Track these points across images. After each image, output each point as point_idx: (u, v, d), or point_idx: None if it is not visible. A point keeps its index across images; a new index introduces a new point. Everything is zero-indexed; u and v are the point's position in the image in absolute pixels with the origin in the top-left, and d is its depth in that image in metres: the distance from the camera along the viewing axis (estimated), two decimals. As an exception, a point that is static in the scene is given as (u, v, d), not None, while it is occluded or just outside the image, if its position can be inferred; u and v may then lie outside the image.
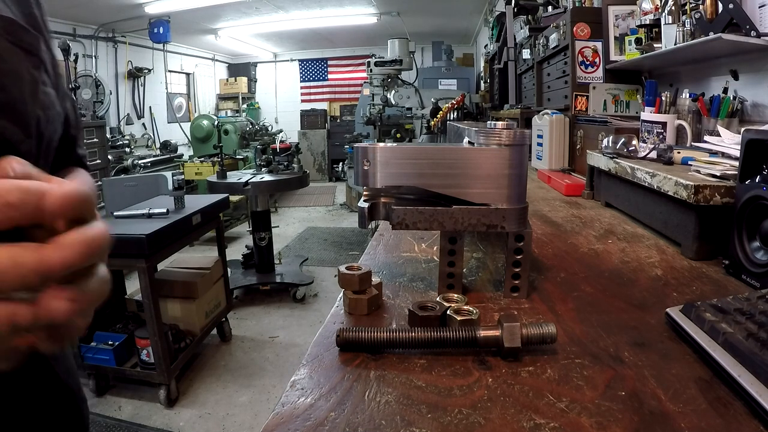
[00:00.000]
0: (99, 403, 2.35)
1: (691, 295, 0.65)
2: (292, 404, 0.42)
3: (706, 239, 0.79)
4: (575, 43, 1.75)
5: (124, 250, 2.10)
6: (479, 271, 0.75)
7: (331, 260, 4.44)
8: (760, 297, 0.52)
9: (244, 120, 6.81)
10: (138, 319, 2.56)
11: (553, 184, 1.52)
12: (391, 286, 0.69)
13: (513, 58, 3.07)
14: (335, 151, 8.47)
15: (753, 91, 1.14)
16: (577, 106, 1.74)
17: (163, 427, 2.18)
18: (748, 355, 0.42)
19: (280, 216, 6.23)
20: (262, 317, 3.31)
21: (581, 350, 0.50)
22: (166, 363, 2.22)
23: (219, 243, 2.90)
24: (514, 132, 0.57)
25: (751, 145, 0.69)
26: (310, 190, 6.49)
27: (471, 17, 6.45)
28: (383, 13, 6.27)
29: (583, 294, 0.66)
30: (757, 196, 0.66)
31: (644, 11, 1.43)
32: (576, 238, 0.94)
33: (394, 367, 0.48)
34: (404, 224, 0.60)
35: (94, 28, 5.78)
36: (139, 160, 4.84)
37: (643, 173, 0.94)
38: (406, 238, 0.93)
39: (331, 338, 0.52)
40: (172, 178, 2.52)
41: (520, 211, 0.59)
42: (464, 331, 0.49)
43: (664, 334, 0.53)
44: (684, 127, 1.18)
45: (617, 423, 0.38)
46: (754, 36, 0.98)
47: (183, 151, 6.56)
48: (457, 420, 0.39)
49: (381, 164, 0.58)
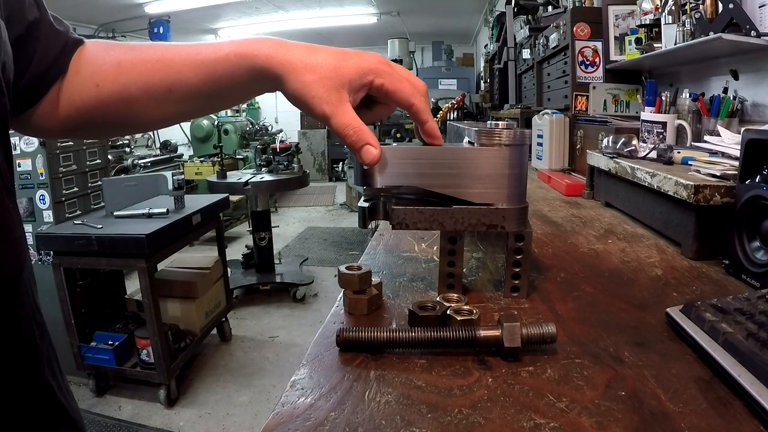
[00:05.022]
0: (99, 403, 2.35)
1: (691, 295, 0.65)
2: (292, 404, 0.42)
3: (706, 239, 0.79)
4: (575, 43, 1.75)
5: (124, 250, 2.11)
6: (479, 271, 0.75)
7: (331, 260, 4.44)
8: (760, 297, 0.52)
9: (244, 120, 6.81)
10: (138, 319, 2.56)
11: (553, 184, 1.52)
12: (391, 286, 0.69)
13: (513, 58, 3.07)
14: (335, 151, 8.47)
15: (753, 91, 1.14)
16: (577, 106, 1.74)
17: (163, 427, 2.18)
18: (748, 355, 0.42)
19: (280, 216, 6.23)
20: (262, 317, 3.31)
21: (581, 350, 0.50)
22: (166, 363, 2.22)
23: (219, 243, 2.90)
24: (514, 132, 0.57)
25: (751, 145, 0.69)
26: (310, 190, 6.49)
27: (471, 17, 6.45)
28: (383, 13, 6.27)
29: (583, 294, 0.66)
30: (757, 196, 0.66)
31: (644, 11, 1.43)
32: (576, 238, 0.94)
33: (394, 367, 0.48)
34: (404, 224, 0.60)
35: (94, 28, 5.78)
36: (139, 160, 4.84)
37: (643, 173, 0.94)
38: (406, 238, 0.93)
39: (331, 338, 0.52)
40: (172, 178, 2.52)
41: (520, 211, 0.59)
42: (464, 331, 0.49)
43: (664, 334, 0.53)
44: (684, 127, 1.18)
45: (617, 423, 0.38)
46: (754, 36, 0.98)
47: (183, 151, 6.55)
48: (457, 420, 0.39)
49: (381, 164, 0.58)
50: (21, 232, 0.43)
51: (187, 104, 0.51)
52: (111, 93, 0.49)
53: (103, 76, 0.49)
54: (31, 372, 0.44)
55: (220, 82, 0.48)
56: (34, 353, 0.45)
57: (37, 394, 0.45)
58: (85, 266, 2.29)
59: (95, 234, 2.10)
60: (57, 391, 0.47)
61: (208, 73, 0.48)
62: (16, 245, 0.41)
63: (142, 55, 0.50)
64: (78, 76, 0.50)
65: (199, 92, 0.49)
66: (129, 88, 0.49)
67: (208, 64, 0.47)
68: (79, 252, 2.13)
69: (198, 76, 0.48)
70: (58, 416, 0.47)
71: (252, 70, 0.47)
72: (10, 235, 0.40)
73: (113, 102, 0.49)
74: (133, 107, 0.50)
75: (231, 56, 0.47)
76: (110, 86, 0.49)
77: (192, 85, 0.48)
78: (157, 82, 0.49)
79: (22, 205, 2.48)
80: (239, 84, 0.48)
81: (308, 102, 0.46)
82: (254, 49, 0.47)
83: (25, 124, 0.50)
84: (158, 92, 0.49)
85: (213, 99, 0.51)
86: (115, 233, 2.11)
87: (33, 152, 2.44)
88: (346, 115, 0.47)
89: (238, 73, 0.47)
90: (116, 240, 2.09)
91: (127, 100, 0.49)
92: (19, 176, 2.46)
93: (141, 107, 0.50)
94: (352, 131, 0.47)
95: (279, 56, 0.46)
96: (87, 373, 2.37)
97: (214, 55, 0.47)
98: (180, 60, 0.48)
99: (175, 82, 0.48)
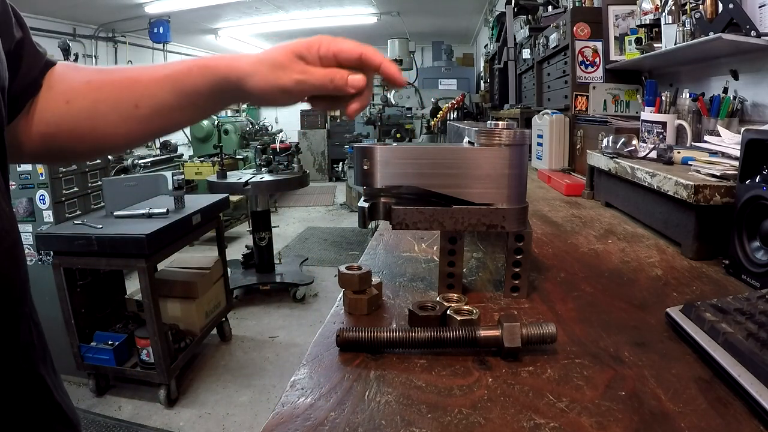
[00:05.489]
0: (99, 403, 2.35)
1: (691, 295, 0.65)
2: (292, 404, 0.42)
3: (706, 239, 0.79)
4: (575, 43, 1.75)
5: (124, 250, 2.10)
6: (479, 271, 0.75)
7: (331, 260, 4.44)
8: (760, 297, 0.52)
9: (244, 120, 6.80)
10: (138, 319, 2.56)
11: (553, 184, 1.52)
12: (391, 286, 0.69)
13: (513, 58, 3.07)
14: (335, 151, 8.47)
15: (753, 91, 1.14)
16: (577, 106, 1.74)
17: (163, 427, 2.18)
18: (748, 355, 0.42)
19: (280, 216, 6.23)
20: (262, 317, 3.31)
21: (581, 350, 0.50)
22: (166, 363, 2.22)
23: (219, 243, 2.90)
24: (514, 132, 0.57)
25: (751, 145, 0.69)
26: (310, 190, 6.49)
27: (471, 17, 6.45)
28: (383, 13, 6.26)
29: (583, 294, 0.66)
30: (757, 196, 0.66)
31: (644, 11, 1.43)
32: (576, 238, 0.94)
33: (394, 367, 0.48)
34: (404, 224, 0.60)
35: (94, 28, 5.77)
36: (139, 160, 4.83)
37: (643, 173, 0.94)
38: (406, 238, 0.93)
39: (331, 338, 0.52)
40: (172, 178, 2.52)
41: (520, 211, 0.59)
42: (464, 331, 0.49)
43: (664, 334, 0.53)
44: (684, 127, 1.18)
45: (617, 423, 0.38)
46: (754, 36, 0.98)
47: (183, 151, 6.54)
48: (457, 420, 0.39)
49: (381, 164, 0.58)
50: (17, 234, 0.44)
51: (154, 120, 0.53)
52: (80, 109, 0.51)
53: (74, 94, 0.52)
54: (28, 370, 0.45)
55: (184, 93, 0.51)
56: (31, 352, 0.45)
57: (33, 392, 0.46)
58: (85, 266, 2.28)
59: (95, 234, 2.10)
60: (53, 389, 0.48)
61: (172, 85, 0.51)
62: (14, 247, 0.42)
63: (111, 75, 0.53)
64: (50, 92, 0.52)
65: (165, 106, 0.52)
66: (98, 104, 0.51)
67: (173, 77, 0.51)
68: (79, 252, 2.13)
69: (164, 89, 0.51)
70: (54, 414, 0.48)
71: (213, 79, 0.51)
72: (8, 237, 0.41)
73: (82, 118, 0.51)
74: (101, 125, 0.52)
75: (194, 69, 0.51)
76: (80, 102, 0.51)
77: (159, 99, 0.51)
78: (124, 98, 0.51)
79: (23, 205, 2.48)
80: (203, 94, 0.51)
81: (275, 84, 0.49)
82: (215, 61, 0.51)
83: None
84: (125, 108, 0.51)
85: (177, 112, 0.53)
86: (115, 233, 2.11)
87: (33, 152, 2.43)
88: (317, 71, 0.50)
89: (200, 84, 0.51)
90: (116, 240, 2.09)
91: (96, 117, 0.51)
92: (19, 176, 2.46)
93: (108, 124, 0.52)
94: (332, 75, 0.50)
95: (236, 63, 0.50)
96: (87, 373, 2.36)
97: (177, 67, 0.52)
98: (146, 77, 0.52)
99: (142, 97, 0.51)
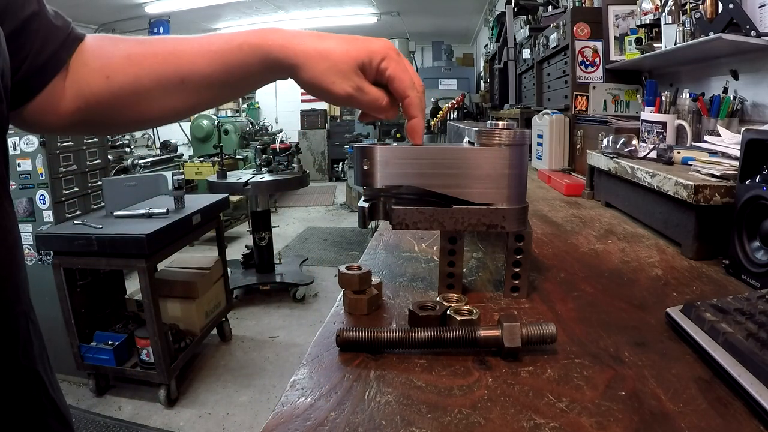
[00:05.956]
0: (99, 403, 2.35)
1: (691, 295, 0.65)
2: (292, 404, 0.42)
3: (706, 239, 0.79)
4: (575, 43, 1.75)
5: (124, 250, 2.11)
6: (479, 271, 0.75)
7: (331, 260, 4.44)
8: (760, 297, 0.52)
9: (244, 120, 6.80)
10: (138, 319, 2.56)
11: (553, 184, 1.52)
12: (391, 286, 0.69)
13: (513, 58, 3.07)
14: (335, 151, 8.47)
15: (753, 91, 1.14)
16: (577, 106, 1.74)
17: (163, 427, 2.18)
18: (748, 355, 0.42)
19: (280, 216, 6.23)
20: (262, 317, 3.31)
21: (581, 350, 0.50)
22: (166, 363, 2.22)
23: (219, 243, 2.90)
24: (514, 132, 0.57)
25: (751, 145, 0.69)
26: (310, 190, 6.49)
27: (471, 17, 6.45)
28: (383, 13, 6.27)
29: (583, 294, 0.66)
30: (757, 196, 0.66)
31: (644, 11, 1.43)
32: (576, 238, 0.94)
33: (394, 367, 0.48)
34: (404, 224, 0.60)
35: (94, 28, 5.77)
36: (139, 160, 4.83)
37: (643, 173, 0.94)
38: (406, 238, 0.93)
39: (331, 338, 0.52)
40: (172, 178, 2.52)
41: (520, 211, 0.59)
42: (464, 331, 0.49)
43: (664, 334, 0.53)
44: (684, 127, 1.18)
45: (617, 423, 0.38)
46: (754, 36, 0.98)
47: (183, 151, 6.55)
48: (457, 420, 0.39)
49: (381, 164, 0.58)
50: (17, 234, 0.44)
51: (200, 95, 0.52)
52: (122, 84, 0.49)
53: (114, 68, 0.50)
54: (26, 366, 0.45)
55: (233, 72, 0.49)
56: (29, 348, 0.46)
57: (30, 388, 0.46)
58: (85, 266, 2.28)
59: (95, 234, 2.10)
60: (48, 385, 0.48)
61: (222, 63, 0.49)
62: (14, 246, 0.43)
63: (153, 48, 0.50)
64: (86, 68, 0.50)
65: (212, 82, 0.50)
66: (141, 79, 0.49)
67: (221, 54, 0.49)
68: (79, 252, 2.13)
69: (211, 66, 0.49)
70: (48, 409, 0.48)
71: (265, 60, 0.48)
72: (9, 236, 0.42)
73: (125, 94, 0.50)
74: (144, 99, 0.50)
75: (244, 46, 0.48)
76: (121, 78, 0.49)
77: (205, 75, 0.49)
78: (169, 74, 0.49)
79: (23, 205, 2.48)
80: (252, 73, 0.50)
81: (328, 88, 0.48)
82: (268, 39, 0.48)
83: (20, 119, 0.50)
84: (171, 83, 0.50)
85: (225, 88, 0.52)
86: (115, 233, 2.11)
87: (33, 152, 2.44)
88: (372, 91, 0.49)
89: (251, 63, 0.49)
90: (116, 240, 2.09)
91: (139, 91, 0.50)
92: (19, 176, 2.46)
93: (153, 99, 0.51)
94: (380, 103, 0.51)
95: (293, 46, 0.48)
96: (87, 373, 2.36)
97: (227, 45, 0.49)
98: (192, 51, 0.49)
99: (188, 73, 0.49)
